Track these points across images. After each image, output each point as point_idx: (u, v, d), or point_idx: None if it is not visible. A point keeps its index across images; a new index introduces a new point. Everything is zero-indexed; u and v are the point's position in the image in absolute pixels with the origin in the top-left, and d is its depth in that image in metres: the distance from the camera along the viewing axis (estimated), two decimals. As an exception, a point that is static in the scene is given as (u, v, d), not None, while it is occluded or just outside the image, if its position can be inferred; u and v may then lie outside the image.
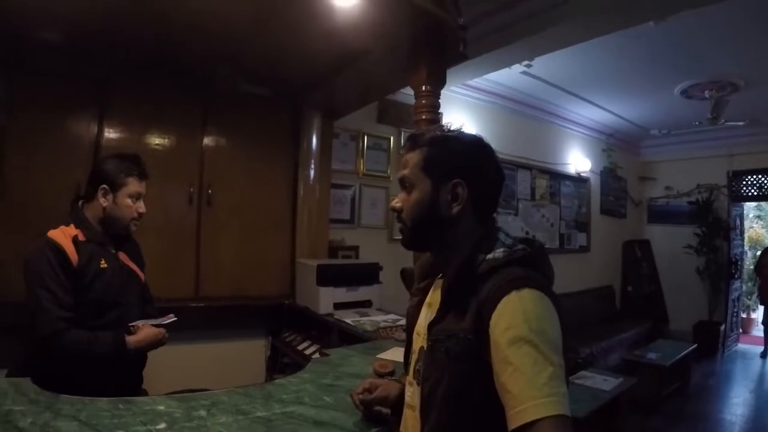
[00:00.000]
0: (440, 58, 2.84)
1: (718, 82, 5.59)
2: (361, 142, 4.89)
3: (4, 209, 2.97)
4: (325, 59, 3.22)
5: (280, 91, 3.95)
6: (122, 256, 2.28)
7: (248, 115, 3.92)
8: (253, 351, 4.17)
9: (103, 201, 2.13)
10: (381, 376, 2.15)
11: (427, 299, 1.30)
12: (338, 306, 3.60)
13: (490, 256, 1.11)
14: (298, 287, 3.96)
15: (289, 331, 4.02)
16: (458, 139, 1.25)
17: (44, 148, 3.12)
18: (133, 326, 2.18)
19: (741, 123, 6.61)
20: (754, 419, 5.04)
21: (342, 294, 3.64)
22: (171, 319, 2.32)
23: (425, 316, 1.25)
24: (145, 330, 2.17)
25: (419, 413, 1.15)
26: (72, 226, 2.09)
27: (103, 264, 2.11)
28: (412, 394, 1.23)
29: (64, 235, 2.03)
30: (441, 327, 1.13)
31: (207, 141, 3.73)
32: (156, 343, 2.20)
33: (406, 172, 1.23)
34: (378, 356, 2.46)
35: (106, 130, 3.33)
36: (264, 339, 4.21)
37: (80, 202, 2.20)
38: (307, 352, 3.57)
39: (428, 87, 2.80)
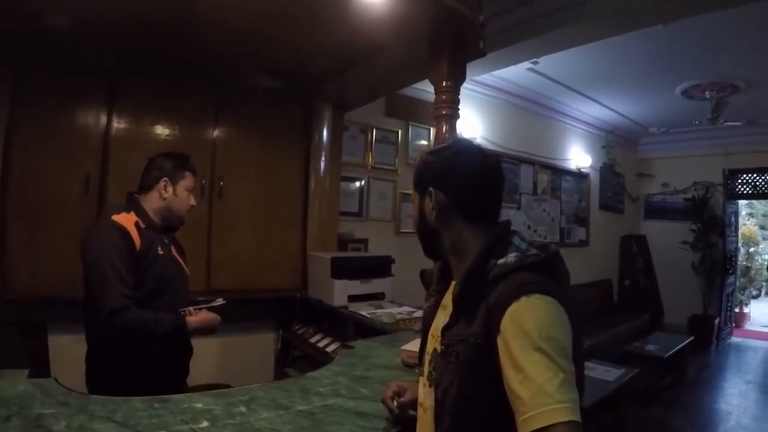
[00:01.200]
0: (461, 54, 2.85)
1: (719, 83, 5.66)
2: (370, 134, 4.91)
3: (13, 200, 2.95)
4: (344, 52, 3.21)
5: (293, 84, 3.94)
6: (173, 249, 2.38)
7: (260, 107, 3.90)
8: (263, 344, 4.20)
9: (164, 193, 2.28)
10: (410, 366, 2.18)
11: (443, 301, 1.31)
12: (352, 298, 3.62)
13: (501, 261, 1.10)
14: (310, 280, 3.97)
15: (300, 323, 4.03)
16: (437, 151, 1.31)
17: (54, 138, 3.08)
18: (184, 311, 2.24)
19: (739, 123, 6.71)
20: (749, 409, 5.15)
21: (356, 286, 3.66)
22: (220, 302, 2.39)
23: (440, 319, 1.26)
24: (203, 313, 2.27)
25: (433, 416, 1.16)
26: (132, 213, 2.19)
27: (160, 251, 2.21)
28: (425, 394, 1.25)
29: (128, 220, 2.13)
30: (453, 332, 1.13)
31: (218, 133, 3.71)
32: (212, 328, 2.29)
33: (411, 191, 1.36)
34: (403, 348, 2.47)
35: (115, 120, 3.29)
36: (274, 332, 4.23)
37: (135, 194, 2.30)
38: (320, 345, 3.59)
39: (449, 83, 2.80)
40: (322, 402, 1.72)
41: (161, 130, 3.48)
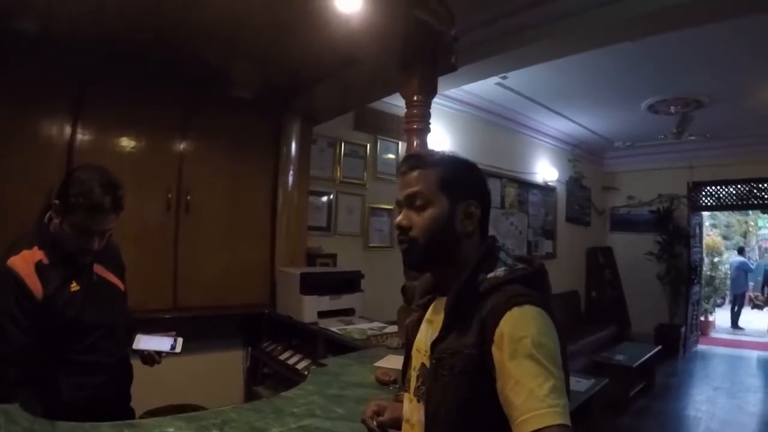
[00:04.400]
0: (432, 68, 2.85)
1: (684, 99, 5.81)
2: (338, 148, 4.86)
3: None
4: (315, 65, 3.19)
5: (263, 96, 3.88)
6: (98, 268, 2.04)
7: (230, 119, 3.83)
8: (232, 362, 4.09)
9: (55, 218, 1.89)
10: (385, 384, 2.14)
11: (427, 316, 1.30)
12: (322, 314, 3.56)
13: (491, 275, 1.13)
14: (279, 296, 3.89)
15: (268, 341, 3.94)
16: (467, 162, 1.30)
17: (14, 149, 2.93)
18: (145, 352, 2.13)
19: (704, 137, 6.89)
20: (717, 415, 5.27)
21: (326, 302, 3.60)
22: (173, 335, 2.25)
23: (426, 333, 1.25)
24: None
25: (424, 431, 1.16)
26: (36, 247, 1.82)
27: (75, 287, 1.88)
28: (412, 410, 1.24)
29: (27, 262, 1.78)
30: (444, 346, 1.13)
31: (186, 145, 3.62)
32: None
33: (418, 188, 1.23)
34: (376, 364, 2.45)
35: (80, 130, 3.16)
36: (242, 349, 4.13)
37: (47, 215, 1.90)
38: (290, 362, 3.51)
39: (420, 97, 2.81)
40: (297, 423, 1.67)
41: (127, 142, 3.37)
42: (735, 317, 11.08)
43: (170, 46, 3.00)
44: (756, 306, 11.32)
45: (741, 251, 12.75)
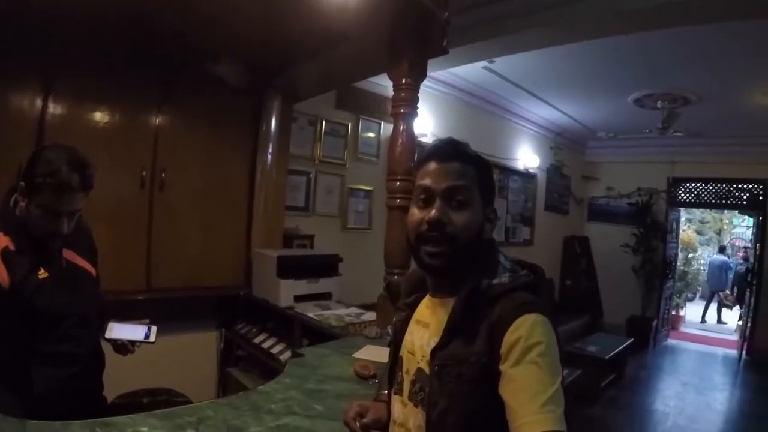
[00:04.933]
0: (423, 51, 2.77)
1: (672, 95, 5.82)
2: (319, 126, 4.74)
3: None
4: (300, 42, 3.04)
5: (243, 73, 3.71)
6: (67, 253, 1.94)
7: (207, 95, 3.67)
8: (205, 344, 4.02)
9: (21, 201, 1.78)
10: (364, 378, 2.10)
11: (417, 316, 1.26)
12: (299, 298, 3.50)
13: (496, 281, 1.11)
14: (255, 278, 3.81)
15: (243, 322, 3.88)
16: (489, 162, 1.25)
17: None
18: (117, 341, 2.05)
19: (688, 134, 6.96)
20: (685, 410, 5.38)
21: (303, 286, 3.54)
22: (146, 324, 2.17)
23: (421, 337, 1.20)
24: None
25: None
26: (0, 234, 1.72)
27: (43, 274, 1.79)
28: (407, 415, 1.20)
29: None
30: (448, 352, 1.09)
31: (162, 121, 3.47)
32: None
33: (463, 183, 1.13)
34: (354, 355, 2.41)
35: (51, 105, 3.00)
36: (216, 331, 4.05)
37: (13, 198, 1.79)
38: (265, 345, 3.48)
39: (409, 80, 2.74)
40: (275, 422, 1.61)
41: (101, 117, 3.21)
42: (719, 314, 11.44)
43: (148, 22, 2.83)
44: (725, 305, 11.55)
45: (722, 250, 13.06)
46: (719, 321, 11.24)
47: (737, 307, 10.70)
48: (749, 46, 4.19)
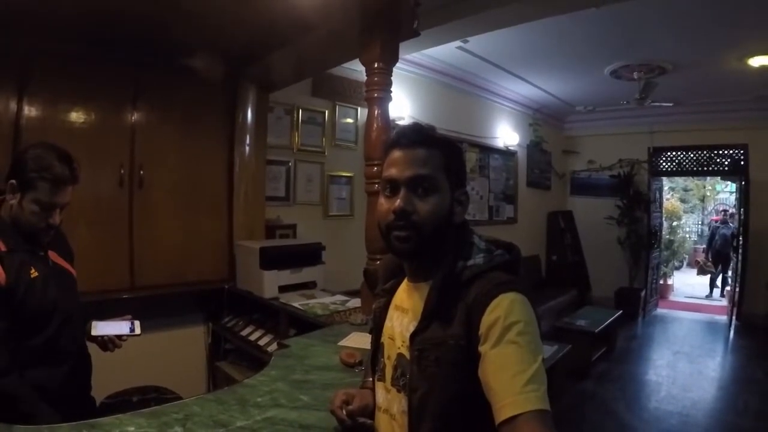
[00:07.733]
0: (394, 34, 2.74)
1: (648, 65, 5.83)
2: (296, 115, 4.71)
3: None
4: (271, 29, 3.00)
5: (216, 64, 3.66)
6: (51, 254, 1.98)
7: (181, 89, 3.64)
8: (193, 339, 4.01)
9: (11, 199, 1.83)
10: (350, 366, 2.10)
11: (396, 302, 1.27)
12: (283, 289, 3.50)
13: (471, 262, 1.12)
14: (238, 271, 3.79)
15: (229, 316, 3.89)
16: (457, 144, 1.25)
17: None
18: (102, 338, 2.08)
19: (668, 104, 6.97)
20: (678, 380, 5.43)
21: (286, 276, 3.53)
22: (129, 319, 2.19)
23: (400, 322, 1.22)
24: None
25: (408, 423, 1.13)
26: None
27: (33, 273, 1.82)
28: (391, 400, 1.22)
29: None
30: (426, 336, 1.10)
31: (138, 117, 3.43)
32: None
33: (427, 171, 1.13)
34: (340, 343, 2.40)
35: (26, 106, 2.97)
36: (203, 325, 4.05)
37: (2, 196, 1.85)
38: (252, 338, 3.49)
39: (381, 64, 2.71)
40: (262, 415, 1.61)
41: (77, 117, 3.18)
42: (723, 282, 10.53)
43: (116, 15, 2.78)
44: (703, 271, 11.59)
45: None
46: (721, 294, 10.45)
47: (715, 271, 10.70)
48: (721, 12, 4.21)
